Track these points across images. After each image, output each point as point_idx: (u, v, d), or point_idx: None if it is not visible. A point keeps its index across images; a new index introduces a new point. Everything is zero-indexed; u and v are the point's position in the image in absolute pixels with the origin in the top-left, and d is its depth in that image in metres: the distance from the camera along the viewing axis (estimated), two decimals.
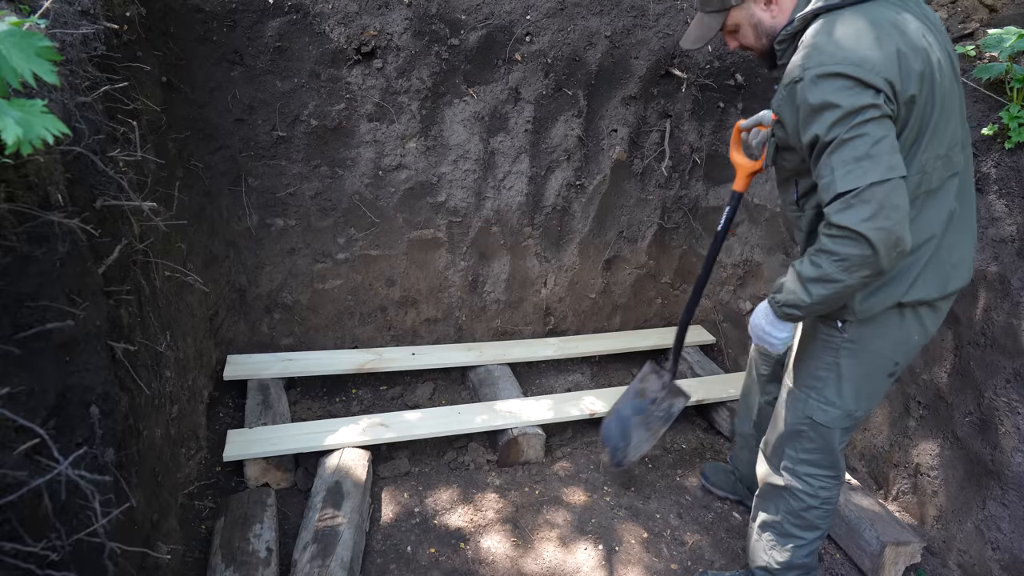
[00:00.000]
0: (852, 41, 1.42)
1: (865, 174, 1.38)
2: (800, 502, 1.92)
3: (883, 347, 1.70)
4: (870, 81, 1.38)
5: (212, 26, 2.44)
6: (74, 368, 1.21)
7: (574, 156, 3.04)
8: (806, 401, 1.81)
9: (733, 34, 1.75)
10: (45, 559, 0.99)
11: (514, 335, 3.31)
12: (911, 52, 1.43)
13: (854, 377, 1.74)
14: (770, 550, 2.02)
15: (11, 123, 0.93)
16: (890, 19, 1.45)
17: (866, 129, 1.39)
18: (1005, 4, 2.70)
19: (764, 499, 2.04)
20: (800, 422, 1.84)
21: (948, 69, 1.52)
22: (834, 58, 1.41)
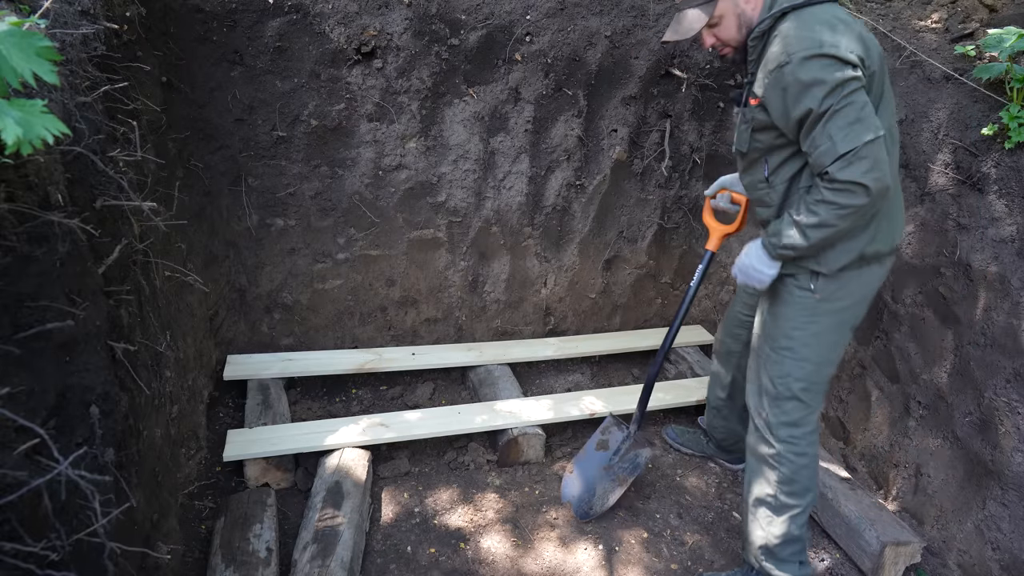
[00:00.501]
0: (825, 29, 1.65)
1: (860, 135, 1.62)
2: (790, 465, 1.99)
3: (848, 303, 1.90)
4: (848, 58, 1.62)
5: (212, 26, 2.44)
6: (74, 368, 1.21)
7: (574, 156, 3.04)
8: (782, 362, 1.95)
9: (713, 28, 1.86)
10: (45, 559, 0.99)
11: (514, 335, 3.31)
12: (867, 37, 1.72)
13: (826, 333, 1.91)
14: (767, 525, 2.06)
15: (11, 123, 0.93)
16: (844, 15, 1.72)
17: (852, 98, 1.62)
18: (1005, 4, 2.71)
19: (754, 473, 2.09)
20: (779, 384, 1.96)
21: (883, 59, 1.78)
22: (815, 43, 1.64)
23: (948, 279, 2.36)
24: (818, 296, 1.87)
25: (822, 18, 1.67)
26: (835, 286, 1.86)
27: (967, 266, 2.29)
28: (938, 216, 2.41)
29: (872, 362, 2.69)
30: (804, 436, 1.99)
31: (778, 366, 1.96)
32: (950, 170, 2.37)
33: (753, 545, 2.11)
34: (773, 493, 2.03)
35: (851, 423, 2.78)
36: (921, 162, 2.48)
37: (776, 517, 2.04)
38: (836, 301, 1.88)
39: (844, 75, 1.61)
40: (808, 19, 1.68)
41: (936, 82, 2.52)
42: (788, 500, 2.02)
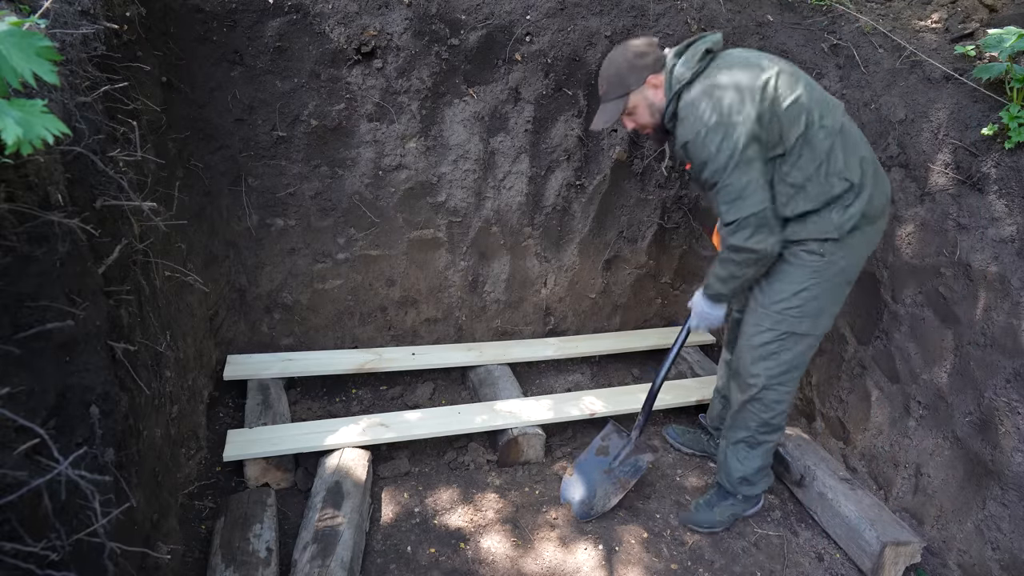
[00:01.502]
0: (711, 106, 1.92)
1: (741, 210, 1.94)
2: (771, 410, 2.27)
3: (848, 262, 2.07)
4: (735, 134, 1.88)
5: (212, 26, 2.44)
6: (74, 368, 1.21)
7: (574, 156, 3.04)
8: (783, 319, 2.13)
9: (630, 116, 2.16)
10: (45, 559, 0.99)
11: (514, 335, 3.31)
12: (749, 91, 1.90)
13: (827, 292, 2.10)
14: (745, 460, 2.37)
15: (11, 123, 0.93)
16: (724, 80, 1.94)
17: (733, 178, 1.91)
18: (1005, 4, 2.71)
19: (737, 419, 2.35)
20: (777, 339, 2.16)
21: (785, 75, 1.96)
22: (701, 124, 1.92)
23: (948, 279, 2.36)
24: (826, 257, 2.04)
25: (709, 91, 1.93)
26: (840, 247, 2.03)
27: (967, 266, 2.29)
28: (938, 216, 2.41)
29: (872, 362, 2.69)
30: (788, 384, 2.24)
31: (778, 323, 2.14)
32: (950, 170, 2.37)
33: (732, 476, 2.41)
34: (751, 433, 2.32)
35: (851, 423, 2.78)
36: (921, 162, 2.48)
37: (752, 451, 2.35)
38: (840, 261, 2.05)
39: (731, 148, 1.88)
40: (697, 96, 1.96)
41: (936, 82, 2.52)
42: (763, 438, 2.33)
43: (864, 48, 2.83)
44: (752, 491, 2.44)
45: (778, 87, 1.93)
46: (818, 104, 1.97)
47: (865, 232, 2.06)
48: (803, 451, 2.72)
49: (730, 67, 1.96)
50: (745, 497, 2.46)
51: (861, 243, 2.07)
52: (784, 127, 1.93)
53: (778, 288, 2.13)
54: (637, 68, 2.06)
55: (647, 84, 2.06)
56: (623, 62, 2.08)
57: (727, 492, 2.46)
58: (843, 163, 1.97)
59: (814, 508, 2.60)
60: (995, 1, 2.71)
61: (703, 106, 1.93)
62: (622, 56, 2.08)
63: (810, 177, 1.97)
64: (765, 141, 1.93)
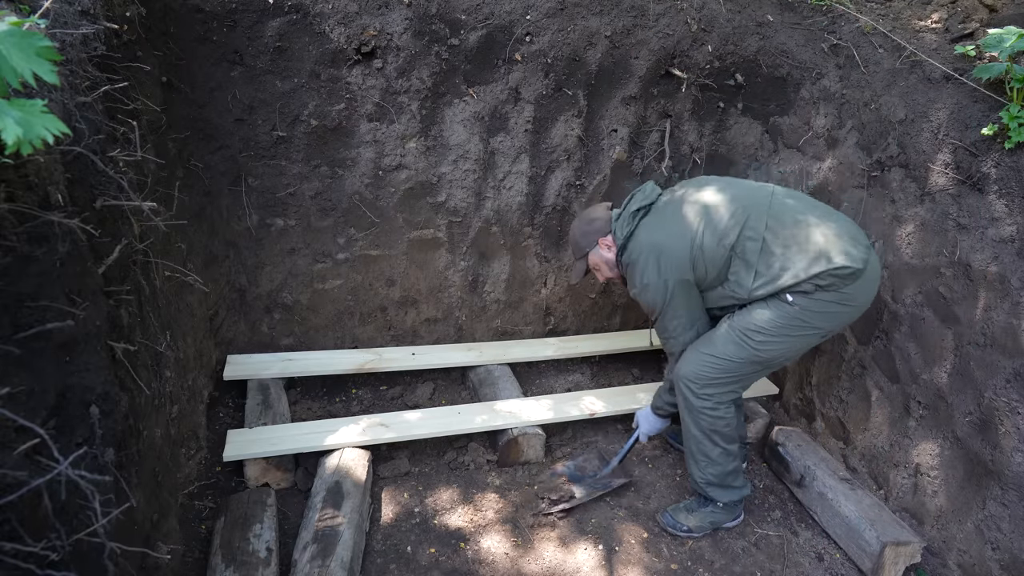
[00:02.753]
0: (641, 270, 2.26)
1: (674, 346, 2.39)
2: (708, 417, 2.33)
3: (817, 318, 2.18)
4: (667, 283, 2.23)
5: (212, 26, 2.44)
6: (74, 368, 1.20)
7: (574, 156, 3.04)
8: (742, 345, 2.23)
9: (597, 271, 2.51)
10: (45, 559, 0.99)
11: (514, 335, 3.31)
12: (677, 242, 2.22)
13: (793, 339, 2.22)
14: (705, 467, 2.40)
15: (11, 123, 0.93)
16: (655, 238, 2.26)
17: (666, 319, 2.32)
18: (1005, 4, 2.71)
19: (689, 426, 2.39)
20: (727, 362, 2.25)
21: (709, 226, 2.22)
22: (638, 281, 2.29)
23: (948, 279, 2.36)
24: (796, 308, 2.16)
25: (640, 254, 2.27)
26: (809, 304, 2.15)
27: (967, 266, 2.29)
28: (938, 216, 2.41)
29: (872, 362, 2.69)
30: (715, 399, 2.30)
31: (736, 347, 2.24)
32: (950, 170, 2.37)
33: (696, 482, 2.45)
34: (702, 442, 2.36)
35: (851, 423, 2.78)
36: (921, 162, 2.48)
37: (710, 460, 2.38)
38: (807, 316, 2.17)
39: (661, 301, 2.26)
40: (632, 259, 2.30)
41: (936, 82, 2.52)
42: (716, 446, 2.36)
43: (864, 48, 2.83)
44: (726, 497, 2.43)
45: (703, 243, 2.20)
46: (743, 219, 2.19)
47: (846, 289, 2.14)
48: (803, 451, 2.72)
49: (657, 227, 2.28)
50: (725, 505, 2.45)
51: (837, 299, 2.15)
52: (713, 263, 2.21)
53: (748, 317, 2.23)
54: (588, 233, 2.44)
55: (600, 245, 2.42)
56: (577, 230, 2.49)
57: (705, 499, 2.48)
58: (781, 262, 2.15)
59: (814, 508, 2.60)
60: (995, 1, 2.71)
61: (636, 269, 2.28)
62: (577, 224, 2.51)
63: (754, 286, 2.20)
64: (697, 276, 2.24)
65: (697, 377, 2.29)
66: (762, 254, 2.17)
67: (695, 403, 2.31)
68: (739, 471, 2.45)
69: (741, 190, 2.30)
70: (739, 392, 2.36)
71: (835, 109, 2.88)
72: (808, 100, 3.00)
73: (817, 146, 2.97)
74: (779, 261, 2.15)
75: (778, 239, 2.16)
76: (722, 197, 2.26)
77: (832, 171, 2.89)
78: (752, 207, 2.21)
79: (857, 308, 2.23)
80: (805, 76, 3.00)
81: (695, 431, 2.36)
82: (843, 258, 2.10)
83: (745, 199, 2.25)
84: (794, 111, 3.07)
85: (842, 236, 2.14)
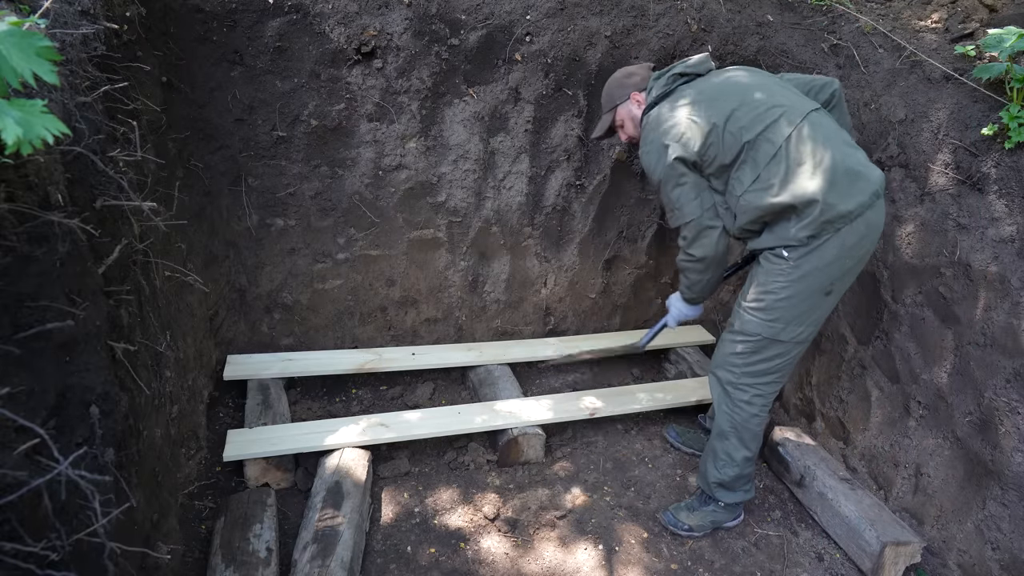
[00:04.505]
0: (658, 127, 2.17)
1: (679, 217, 2.20)
2: (740, 411, 2.28)
3: (817, 267, 2.05)
4: (674, 156, 2.10)
5: (212, 26, 2.44)
6: (74, 368, 1.20)
7: (574, 156, 3.04)
8: (754, 320, 2.17)
9: (621, 128, 2.43)
10: (45, 559, 0.99)
11: (514, 335, 3.31)
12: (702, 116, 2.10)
13: (798, 296, 2.10)
14: (722, 467, 2.37)
15: (11, 123, 0.93)
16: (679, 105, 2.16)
17: (668, 187, 2.16)
18: (1005, 4, 2.71)
19: (715, 423, 2.36)
20: (748, 339, 2.20)
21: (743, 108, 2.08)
22: (648, 141, 2.20)
23: (948, 279, 2.36)
24: (791, 262, 2.07)
25: (664, 113, 2.17)
26: (807, 253, 2.05)
27: (967, 266, 2.29)
28: (938, 216, 2.41)
29: (872, 362, 2.69)
30: (754, 390, 2.25)
31: (750, 324, 2.18)
32: (950, 170, 2.37)
33: (708, 480, 2.42)
34: (727, 438, 2.33)
35: (851, 423, 2.78)
36: (921, 162, 2.48)
37: (729, 458, 2.35)
38: (807, 265, 2.06)
39: (665, 165, 2.12)
40: (654, 116, 2.21)
41: (936, 82, 2.52)
42: (743, 447, 2.32)
43: (864, 48, 2.83)
44: (731, 498, 2.42)
45: (726, 128, 2.08)
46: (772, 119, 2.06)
47: (838, 236, 2.01)
48: (803, 451, 2.72)
49: (692, 96, 2.16)
50: (726, 505, 2.45)
51: (833, 249, 2.02)
52: (720, 152, 2.10)
53: (750, 289, 2.18)
54: (624, 86, 2.37)
55: (631, 100, 2.35)
56: (614, 81, 2.41)
57: (708, 497, 2.47)
58: (783, 176, 2.02)
59: (814, 508, 2.60)
60: (995, 1, 2.71)
61: (653, 126, 2.19)
62: (614, 76, 2.43)
63: (748, 189, 2.08)
64: (704, 160, 2.12)
65: (730, 364, 2.25)
66: (770, 162, 2.03)
67: (733, 393, 2.27)
68: (751, 477, 2.44)
69: (787, 94, 2.14)
70: (774, 387, 2.27)
71: None
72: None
73: None
74: (780, 175, 2.02)
75: (793, 154, 2.02)
76: (766, 91, 2.12)
77: None
78: (788, 112, 2.07)
79: (858, 260, 2.10)
80: None
81: (727, 426, 2.31)
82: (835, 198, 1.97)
83: (787, 102, 2.09)
84: None
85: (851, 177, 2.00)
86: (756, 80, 2.19)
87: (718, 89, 2.16)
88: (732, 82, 2.18)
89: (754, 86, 2.15)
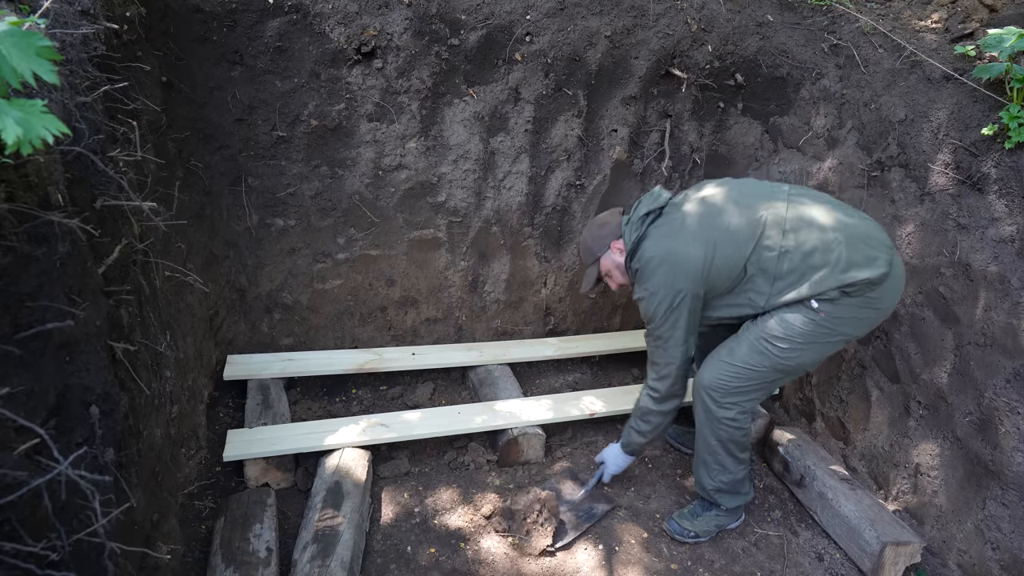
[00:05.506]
0: (655, 269, 2.18)
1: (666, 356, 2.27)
2: (725, 426, 2.30)
3: (843, 324, 2.13)
4: (679, 292, 2.15)
5: (212, 26, 2.44)
6: (74, 368, 1.21)
7: (574, 156, 3.04)
8: (767, 354, 2.18)
9: (609, 277, 2.43)
10: (45, 559, 0.99)
11: (514, 335, 3.31)
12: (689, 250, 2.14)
13: (817, 346, 2.17)
14: (715, 475, 2.39)
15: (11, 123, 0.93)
16: (666, 245, 2.18)
17: (663, 329, 2.22)
18: (1005, 4, 2.71)
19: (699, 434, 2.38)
20: (754, 369, 2.21)
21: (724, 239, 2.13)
22: (641, 289, 2.25)
23: (948, 279, 2.36)
24: (822, 315, 2.11)
25: (653, 256, 2.19)
26: (836, 311, 2.10)
27: (967, 266, 2.29)
28: (938, 216, 2.41)
29: (872, 362, 2.69)
30: (738, 408, 2.28)
31: (760, 356, 2.19)
32: (950, 170, 2.37)
33: (705, 487, 2.43)
34: (719, 450, 2.34)
35: (851, 423, 2.78)
36: (921, 162, 2.48)
37: (723, 468, 2.37)
38: (834, 323, 2.12)
39: (664, 311, 2.18)
40: (641, 263, 2.23)
41: (936, 82, 2.52)
42: (730, 456, 2.34)
43: (864, 48, 2.83)
44: (732, 502, 2.43)
45: (716, 253, 2.13)
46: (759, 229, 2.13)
47: (862, 299, 2.09)
48: (803, 451, 2.72)
49: (668, 234, 2.20)
50: (728, 509, 2.45)
51: (861, 305, 2.10)
52: (728, 274, 2.16)
53: (773, 325, 2.17)
54: (600, 237, 2.38)
55: (612, 249, 2.37)
56: (588, 235, 2.43)
57: (709, 503, 2.46)
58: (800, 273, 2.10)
59: (814, 508, 2.60)
60: (995, 1, 2.71)
61: (644, 274, 2.22)
62: (588, 230, 2.45)
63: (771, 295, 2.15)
64: (708, 286, 2.18)
65: (720, 387, 2.25)
66: (780, 263, 2.10)
67: (717, 412, 2.27)
68: (748, 478, 2.45)
69: (755, 195, 2.21)
70: (760, 400, 2.33)
71: (835, 109, 2.88)
72: (808, 100, 3.00)
73: (817, 146, 2.97)
74: (799, 270, 2.09)
75: (798, 248, 2.09)
76: (736, 204, 2.18)
77: (832, 171, 2.89)
78: (769, 213, 2.14)
79: (884, 311, 2.18)
80: (805, 76, 3.00)
81: (712, 441, 2.32)
82: (867, 269, 2.04)
83: (760, 205, 2.16)
84: (794, 111, 3.07)
85: (866, 241, 2.08)
86: (719, 198, 2.23)
87: (688, 219, 2.20)
88: (704, 204, 2.22)
89: (721, 205, 2.20)
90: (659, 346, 2.28)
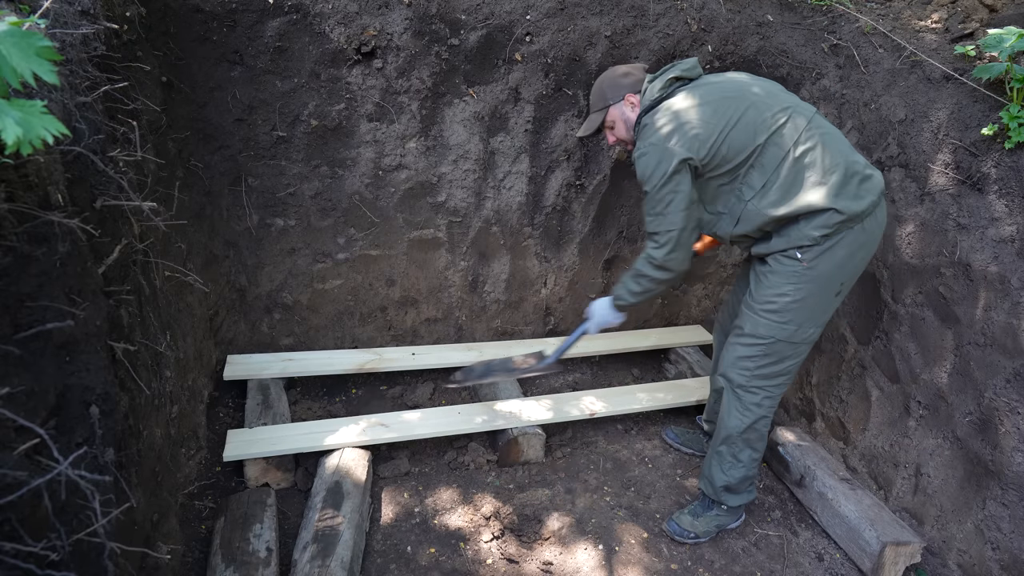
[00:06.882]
0: (657, 131, 2.11)
1: (662, 224, 2.14)
2: (749, 413, 2.27)
3: (830, 267, 2.08)
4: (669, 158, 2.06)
5: (212, 26, 2.44)
6: (74, 368, 1.21)
7: (574, 156, 3.04)
8: (766, 322, 2.17)
9: (611, 129, 2.36)
10: (45, 559, 0.99)
11: (514, 335, 3.31)
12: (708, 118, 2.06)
13: (810, 297, 2.11)
14: (729, 469, 2.36)
15: (11, 123, 0.93)
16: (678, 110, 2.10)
17: (661, 193, 2.10)
18: (1005, 4, 2.71)
19: (721, 424, 2.36)
20: (760, 342, 2.19)
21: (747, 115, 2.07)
22: (650, 144, 2.11)
23: (948, 279, 2.36)
24: (805, 264, 2.08)
25: (662, 118, 2.12)
26: (820, 253, 2.06)
27: (967, 266, 2.29)
28: (938, 216, 2.41)
29: (872, 362, 2.69)
30: (764, 392, 2.25)
31: (763, 327, 2.18)
32: (950, 170, 2.37)
33: (715, 483, 2.40)
34: (735, 440, 2.32)
35: (851, 423, 2.78)
36: (921, 162, 2.48)
37: (735, 459, 2.34)
38: (822, 266, 2.08)
39: (663, 171, 2.07)
40: (652, 121, 2.16)
41: (936, 82, 2.52)
42: (745, 446, 2.32)
43: (864, 48, 2.83)
44: (736, 501, 2.42)
45: (734, 130, 2.06)
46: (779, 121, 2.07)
47: (851, 234, 2.05)
48: (803, 451, 2.72)
49: (697, 98, 2.12)
50: (730, 508, 2.45)
51: (845, 248, 2.06)
52: (729, 154, 2.08)
53: (764, 292, 2.17)
54: (617, 86, 2.29)
55: (625, 101, 2.28)
56: (607, 79, 2.33)
57: (711, 502, 2.45)
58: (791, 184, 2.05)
59: (814, 508, 2.60)
60: (995, 1, 2.71)
61: (652, 130, 2.14)
62: (607, 75, 2.35)
63: (755, 195, 2.09)
64: (706, 165, 2.09)
65: (741, 367, 2.25)
66: (780, 165, 2.05)
67: (744, 396, 2.26)
68: (755, 478, 2.45)
69: (786, 99, 2.15)
70: (784, 386, 2.29)
71: (835, 109, 2.88)
72: (808, 100, 3.00)
73: None
74: (792, 180, 2.04)
75: (799, 159, 2.04)
76: (766, 97, 2.12)
77: None
78: (790, 120, 2.07)
79: (864, 258, 2.14)
80: (805, 76, 3.00)
81: (735, 429, 2.30)
82: (853, 201, 2.01)
83: (786, 109, 2.10)
84: None
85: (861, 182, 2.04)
86: (757, 81, 2.20)
87: (723, 90, 2.14)
88: (736, 83, 2.17)
89: (757, 87, 2.16)
90: (659, 212, 2.14)
